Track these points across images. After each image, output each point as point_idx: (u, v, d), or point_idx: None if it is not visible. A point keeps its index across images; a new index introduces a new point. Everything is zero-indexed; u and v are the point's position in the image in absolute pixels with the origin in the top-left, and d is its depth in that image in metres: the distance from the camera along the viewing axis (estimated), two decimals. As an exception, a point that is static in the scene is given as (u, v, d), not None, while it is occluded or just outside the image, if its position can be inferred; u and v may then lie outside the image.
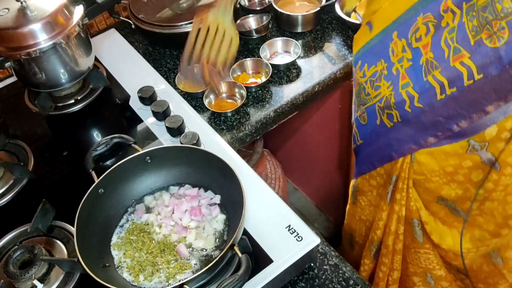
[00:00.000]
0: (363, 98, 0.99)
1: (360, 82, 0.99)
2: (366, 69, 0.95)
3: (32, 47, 1.02)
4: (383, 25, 0.89)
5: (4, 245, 0.93)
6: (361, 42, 0.97)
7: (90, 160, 0.92)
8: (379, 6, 0.90)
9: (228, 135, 1.12)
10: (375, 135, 1.00)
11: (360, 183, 1.16)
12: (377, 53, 0.92)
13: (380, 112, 0.95)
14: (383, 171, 1.06)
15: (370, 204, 1.17)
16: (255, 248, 0.84)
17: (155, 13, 1.32)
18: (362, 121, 1.02)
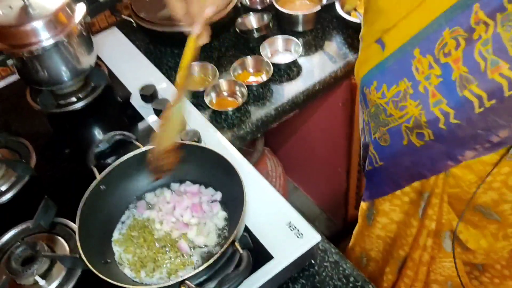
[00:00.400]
0: (383, 120, 0.95)
1: (378, 104, 0.94)
2: (386, 89, 0.90)
3: (34, 45, 1.02)
4: (399, 43, 0.85)
5: (7, 242, 0.93)
6: (373, 62, 0.92)
7: (91, 156, 0.92)
8: (390, 23, 0.86)
9: (229, 133, 1.13)
10: (400, 155, 0.97)
11: (379, 205, 1.13)
12: (396, 72, 0.87)
13: (408, 132, 0.91)
14: (410, 189, 1.03)
15: (392, 222, 1.14)
16: (255, 244, 0.84)
17: (157, 12, 1.33)
18: (383, 143, 0.98)
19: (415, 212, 1.06)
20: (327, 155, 1.68)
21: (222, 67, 1.28)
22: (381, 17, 0.88)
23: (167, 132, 0.81)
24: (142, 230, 0.86)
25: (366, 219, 1.20)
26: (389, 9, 0.85)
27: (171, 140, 0.81)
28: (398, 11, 0.83)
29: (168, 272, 0.80)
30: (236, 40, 1.35)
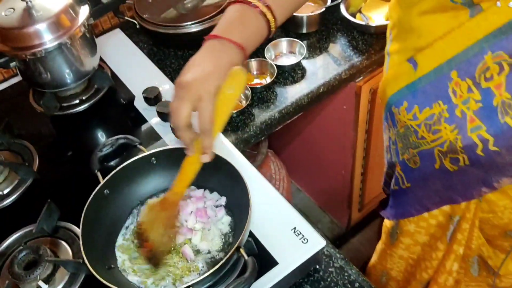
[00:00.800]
0: (414, 142, 0.92)
1: (408, 125, 0.91)
2: (418, 111, 0.87)
3: (37, 47, 1.02)
4: (434, 64, 0.82)
5: (9, 246, 0.92)
6: (403, 81, 0.88)
7: (95, 161, 0.91)
8: (424, 43, 0.83)
9: (233, 136, 1.12)
10: (431, 179, 0.94)
11: (403, 225, 1.11)
12: (430, 94, 0.84)
13: (441, 156, 0.88)
14: (438, 212, 1.01)
15: (416, 243, 1.12)
16: (260, 250, 0.84)
17: (160, 13, 1.32)
18: (412, 165, 0.95)
19: (443, 236, 1.04)
20: (331, 157, 1.67)
21: (225, 69, 1.27)
22: (413, 35, 0.84)
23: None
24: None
25: (390, 237, 1.17)
26: (423, 28, 0.82)
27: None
28: (433, 30, 0.80)
29: (173, 278, 0.79)
30: (239, 42, 1.35)
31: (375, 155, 1.61)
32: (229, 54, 0.74)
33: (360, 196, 1.76)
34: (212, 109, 0.70)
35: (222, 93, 0.72)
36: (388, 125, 1.00)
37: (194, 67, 0.72)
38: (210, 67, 0.71)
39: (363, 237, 1.97)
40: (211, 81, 0.70)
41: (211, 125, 0.71)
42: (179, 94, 0.71)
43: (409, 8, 0.84)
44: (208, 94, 0.70)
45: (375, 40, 1.29)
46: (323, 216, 2.02)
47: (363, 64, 1.26)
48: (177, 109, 0.71)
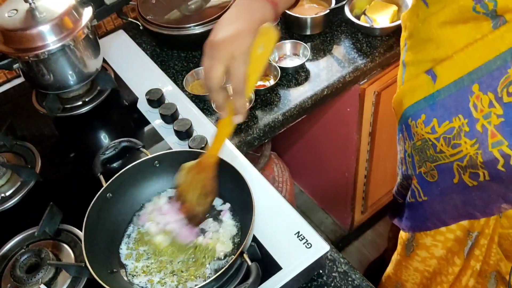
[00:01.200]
0: (431, 155, 0.90)
1: (426, 138, 0.88)
2: (436, 124, 0.84)
3: (40, 49, 1.01)
4: (454, 77, 0.79)
5: (11, 248, 0.92)
6: (421, 93, 0.86)
7: (98, 164, 0.91)
8: (443, 54, 0.80)
9: (236, 138, 1.11)
10: (449, 194, 0.91)
11: (420, 238, 1.09)
12: (450, 107, 0.82)
13: (460, 171, 0.86)
14: (456, 227, 0.99)
15: (432, 256, 1.10)
16: (263, 254, 0.83)
17: (163, 15, 1.32)
18: (430, 178, 0.93)
19: (460, 251, 1.02)
20: (334, 159, 1.67)
21: (229, 71, 1.26)
22: (431, 46, 0.82)
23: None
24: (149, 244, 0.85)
25: (405, 249, 1.15)
26: (443, 39, 0.80)
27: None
28: (453, 42, 0.78)
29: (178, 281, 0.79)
30: (243, 44, 1.34)
31: (379, 158, 1.60)
32: (261, 10, 0.72)
33: (363, 199, 1.76)
34: (245, 69, 0.69)
35: (252, 53, 0.70)
36: (403, 137, 0.98)
37: (226, 26, 0.70)
38: (242, 24, 0.69)
39: (366, 239, 1.97)
40: (243, 40, 0.68)
41: (244, 85, 0.70)
42: (211, 54, 0.69)
43: (427, 18, 0.81)
44: (241, 53, 0.68)
45: (380, 43, 1.29)
46: (325, 218, 2.02)
47: (368, 66, 1.26)
48: (209, 69, 0.69)
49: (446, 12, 0.77)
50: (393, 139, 1.56)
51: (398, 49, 1.28)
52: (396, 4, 1.32)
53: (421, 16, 0.83)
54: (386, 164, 1.67)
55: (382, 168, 1.67)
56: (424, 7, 0.81)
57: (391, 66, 1.33)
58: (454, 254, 1.04)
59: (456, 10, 0.76)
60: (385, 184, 1.80)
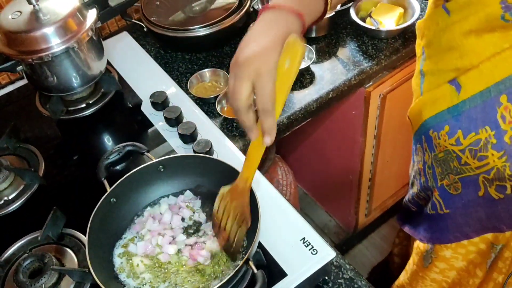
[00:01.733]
0: (455, 167, 0.87)
1: (450, 150, 0.85)
2: (461, 136, 0.81)
3: (44, 51, 1.00)
4: (480, 87, 0.77)
5: (14, 253, 0.91)
6: (443, 104, 0.83)
7: (102, 168, 0.90)
8: (468, 64, 0.78)
9: (241, 141, 1.11)
10: (473, 206, 0.89)
11: (439, 250, 1.06)
12: (476, 119, 0.79)
13: (486, 183, 0.83)
14: (479, 240, 0.97)
15: (451, 268, 1.07)
16: (269, 261, 0.82)
17: (168, 16, 1.31)
18: (453, 191, 0.90)
19: (482, 263, 1.00)
20: (339, 162, 1.66)
21: (233, 74, 1.25)
22: (454, 55, 0.79)
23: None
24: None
25: (423, 260, 1.12)
26: (468, 48, 0.77)
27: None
28: (479, 51, 0.76)
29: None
30: (248, 46, 1.33)
31: (384, 161, 1.59)
32: (287, 24, 0.69)
33: (368, 201, 1.75)
34: (272, 86, 0.66)
35: (279, 69, 0.67)
36: (422, 148, 0.95)
37: (250, 43, 0.67)
38: (267, 41, 0.67)
39: (370, 242, 1.96)
40: (269, 56, 0.66)
41: (272, 104, 0.66)
42: (237, 73, 0.66)
43: (449, 27, 0.79)
44: (267, 70, 0.65)
45: (385, 45, 1.28)
46: (329, 220, 2.01)
47: (373, 69, 1.25)
48: (236, 89, 0.66)
49: (471, 20, 0.75)
50: (398, 142, 1.56)
51: (404, 52, 1.27)
52: (402, 7, 1.31)
53: (441, 24, 0.81)
54: (390, 167, 1.66)
55: (386, 171, 1.66)
56: (445, 15, 0.79)
57: (397, 69, 1.32)
58: (476, 266, 1.02)
59: (483, 18, 0.73)
60: (390, 187, 1.79)
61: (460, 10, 0.76)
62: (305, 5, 0.72)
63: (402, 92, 1.38)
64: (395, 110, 1.43)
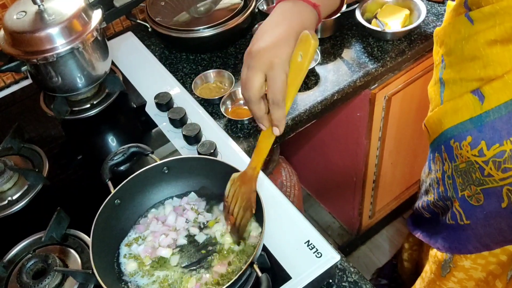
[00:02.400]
0: (478, 178, 0.85)
1: (472, 161, 0.84)
2: (485, 147, 0.80)
3: (49, 52, 1.00)
4: (505, 98, 0.75)
5: (18, 253, 0.91)
6: (466, 114, 0.81)
7: (106, 170, 0.90)
8: (492, 74, 0.77)
9: (245, 143, 1.10)
10: (495, 218, 0.87)
11: (458, 261, 1.05)
12: (501, 130, 0.77)
13: (510, 195, 0.82)
14: (500, 251, 0.96)
15: (470, 278, 1.06)
16: (273, 264, 0.82)
17: (172, 17, 1.30)
18: (474, 202, 0.89)
19: (503, 274, 0.99)
20: (343, 164, 1.65)
21: (238, 75, 1.25)
22: (477, 64, 0.78)
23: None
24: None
25: (441, 269, 1.10)
26: (492, 58, 0.76)
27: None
28: (504, 62, 0.74)
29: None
30: (252, 47, 1.33)
31: (388, 163, 1.58)
32: (302, 15, 0.69)
33: (372, 203, 1.74)
34: (284, 78, 0.66)
35: (292, 62, 0.67)
36: (441, 158, 0.93)
37: (264, 34, 0.68)
38: (281, 32, 0.67)
39: (373, 244, 1.95)
40: (282, 48, 0.66)
41: (283, 95, 0.67)
42: (250, 64, 0.67)
43: (472, 36, 0.78)
44: (280, 61, 0.65)
45: (391, 47, 1.27)
46: (333, 222, 2.01)
47: (378, 71, 1.24)
48: (248, 80, 0.67)
49: (497, 30, 0.74)
50: (402, 144, 1.55)
51: (410, 54, 1.27)
52: (408, 8, 1.30)
53: (464, 33, 0.79)
54: (395, 169, 1.65)
55: (391, 173, 1.65)
56: (468, 24, 0.77)
57: (402, 71, 1.31)
58: (495, 277, 1.01)
59: (509, 29, 0.72)
60: (394, 189, 1.79)
61: (484, 20, 0.75)
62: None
63: (407, 94, 1.38)
64: (401, 113, 1.42)
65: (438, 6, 1.35)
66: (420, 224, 1.12)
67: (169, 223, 0.86)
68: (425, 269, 1.19)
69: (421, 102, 1.44)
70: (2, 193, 1.01)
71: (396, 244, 1.92)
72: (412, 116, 1.48)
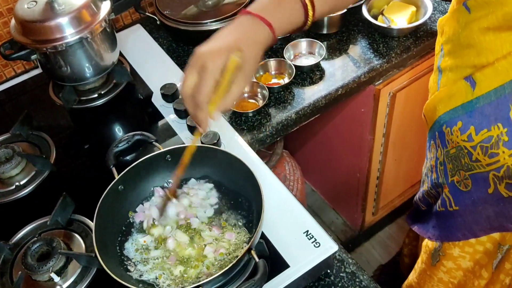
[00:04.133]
0: (466, 164, 0.87)
1: (461, 146, 0.86)
2: (473, 132, 0.82)
3: (58, 41, 1.02)
4: (494, 84, 0.77)
5: (24, 237, 0.94)
6: (458, 100, 0.83)
7: (111, 156, 0.92)
8: (484, 61, 0.78)
9: (249, 135, 1.12)
10: (482, 204, 0.89)
11: (447, 248, 1.06)
12: (489, 115, 0.79)
13: (496, 181, 0.84)
14: (487, 239, 0.98)
15: (458, 268, 1.08)
16: (271, 252, 0.83)
17: (181, 10, 1.32)
18: (463, 188, 0.91)
19: (488, 263, 1.00)
20: (347, 160, 1.66)
21: (244, 68, 1.26)
22: (471, 52, 0.80)
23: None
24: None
25: (431, 259, 1.13)
26: (485, 45, 0.78)
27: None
28: (495, 49, 0.76)
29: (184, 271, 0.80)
30: (259, 41, 1.34)
31: (392, 160, 1.59)
32: (255, 30, 0.73)
33: (375, 200, 1.75)
34: (210, 83, 0.69)
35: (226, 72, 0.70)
36: (435, 145, 0.95)
37: (214, 40, 0.72)
38: (228, 41, 0.70)
39: (376, 240, 1.96)
40: (219, 56, 0.69)
41: (205, 98, 0.70)
42: (190, 63, 0.71)
43: (468, 24, 0.79)
44: (212, 67, 0.68)
45: (397, 43, 1.28)
46: (336, 218, 2.01)
47: (383, 67, 1.25)
48: (184, 76, 0.71)
49: (490, 18, 0.75)
50: (407, 141, 1.56)
51: (416, 51, 1.27)
52: (414, 5, 1.31)
53: (461, 22, 0.81)
54: (399, 166, 1.66)
55: (395, 170, 1.66)
56: (466, 12, 0.79)
57: (407, 67, 1.32)
58: (481, 267, 1.02)
59: (500, 17, 0.74)
60: (397, 186, 1.79)
61: (479, 9, 0.76)
62: (280, 20, 0.75)
63: (412, 90, 1.38)
64: (405, 109, 1.43)
65: (444, 4, 1.36)
66: (417, 217, 1.13)
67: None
68: (418, 260, 1.21)
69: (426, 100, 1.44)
70: (10, 178, 1.03)
71: (399, 242, 1.92)
72: (416, 113, 1.48)
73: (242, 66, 0.71)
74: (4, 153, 1.04)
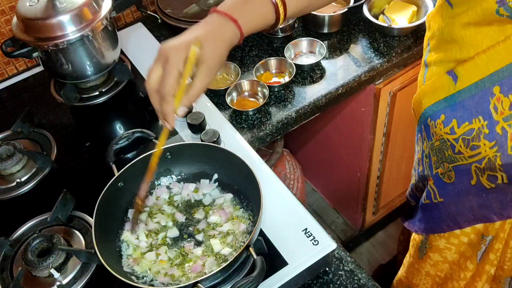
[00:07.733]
0: (449, 156, 0.89)
1: (445, 139, 0.88)
2: (456, 125, 0.84)
3: (60, 39, 1.03)
4: (475, 78, 0.79)
5: (24, 233, 0.94)
6: (441, 93, 0.85)
7: (111, 153, 0.92)
8: (465, 55, 0.80)
9: (249, 134, 1.12)
10: (465, 195, 0.91)
11: (433, 240, 1.08)
12: (470, 108, 0.81)
13: (478, 172, 0.85)
14: (471, 230, 0.99)
15: (444, 260, 1.09)
16: (270, 249, 0.84)
17: (182, 9, 1.33)
18: (447, 180, 0.93)
19: (473, 255, 1.01)
20: (347, 159, 1.66)
21: (244, 67, 1.27)
22: (454, 47, 0.82)
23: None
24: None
25: (418, 252, 1.14)
26: (466, 40, 0.79)
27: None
28: (476, 43, 0.77)
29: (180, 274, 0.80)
30: (260, 40, 1.34)
31: (393, 159, 1.59)
32: (221, 28, 0.74)
33: (375, 200, 1.75)
34: (174, 74, 0.70)
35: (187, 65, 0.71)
36: (421, 138, 0.97)
37: (180, 35, 0.73)
38: (195, 36, 0.72)
39: (377, 240, 1.96)
40: (182, 50, 0.70)
41: (169, 90, 0.70)
42: (156, 57, 0.72)
43: (451, 19, 0.81)
44: (175, 58, 0.69)
45: (397, 43, 1.28)
46: (337, 217, 2.02)
47: (384, 66, 1.25)
48: (149, 71, 0.72)
49: (470, 13, 0.76)
50: (407, 140, 1.56)
51: (416, 50, 1.27)
52: (415, 5, 1.31)
53: (445, 17, 0.83)
54: (399, 165, 1.66)
55: (395, 169, 1.66)
56: (449, 8, 0.81)
57: (408, 67, 1.32)
58: (466, 259, 1.03)
59: (480, 12, 0.75)
60: (398, 186, 1.79)
61: (461, 4, 0.78)
62: (249, 19, 0.77)
63: (412, 90, 1.37)
64: (405, 108, 1.43)
65: (445, 4, 1.36)
66: (408, 213, 1.14)
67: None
68: (406, 255, 1.22)
69: (427, 99, 1.44)
70: (11, 175, 1.04)
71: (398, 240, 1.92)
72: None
73: (204, 59, 0.72)
74: (5, 150, 1.04)
